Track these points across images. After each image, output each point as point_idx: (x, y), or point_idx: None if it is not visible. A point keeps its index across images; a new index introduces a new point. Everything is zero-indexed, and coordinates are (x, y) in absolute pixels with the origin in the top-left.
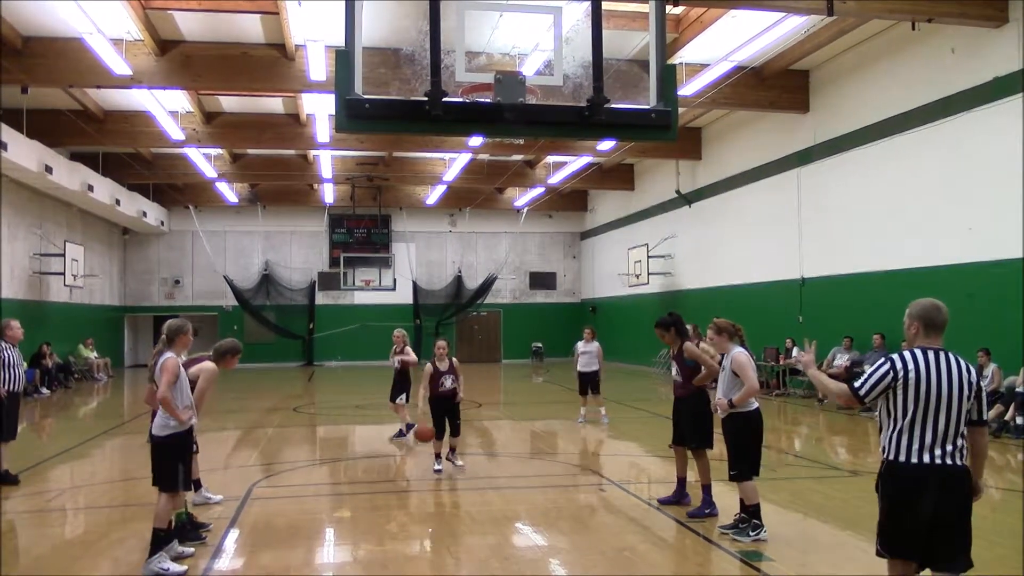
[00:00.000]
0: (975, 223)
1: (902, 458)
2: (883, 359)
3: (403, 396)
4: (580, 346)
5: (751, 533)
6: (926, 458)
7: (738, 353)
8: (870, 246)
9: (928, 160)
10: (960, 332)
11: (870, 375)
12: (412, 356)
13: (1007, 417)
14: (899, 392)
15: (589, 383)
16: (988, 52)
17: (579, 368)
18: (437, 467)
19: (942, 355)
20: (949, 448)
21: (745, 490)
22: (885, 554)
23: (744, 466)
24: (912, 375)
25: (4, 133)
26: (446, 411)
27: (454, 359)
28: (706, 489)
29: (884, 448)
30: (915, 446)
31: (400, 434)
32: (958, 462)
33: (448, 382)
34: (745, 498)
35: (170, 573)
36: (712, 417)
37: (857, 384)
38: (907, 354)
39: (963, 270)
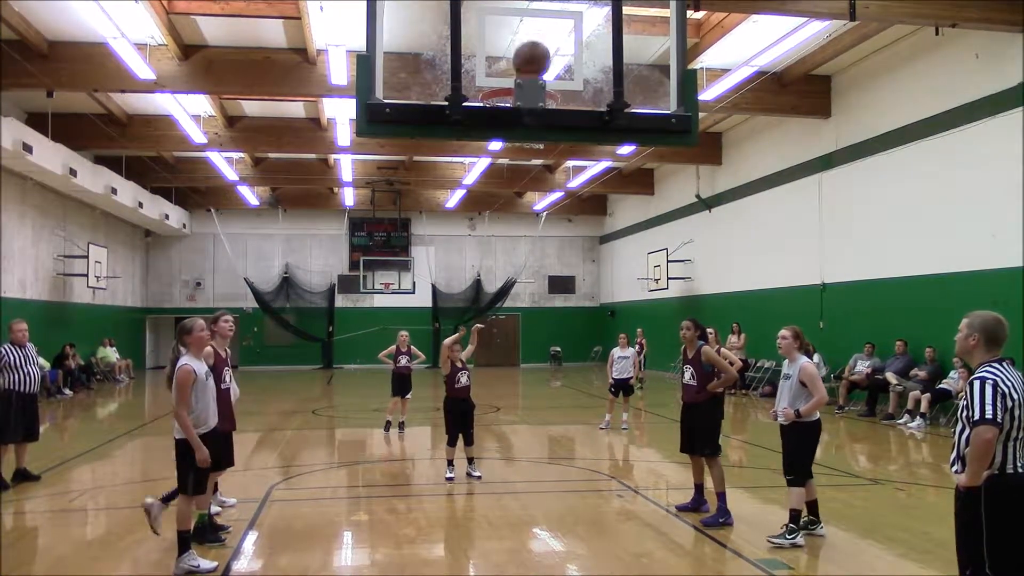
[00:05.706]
0: (999, 229)
1: (1009, 468)
2: (980, 379)
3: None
4: (616, 352)
5: (788, 537)
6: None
7: (808, 364)
8: (892, 251)
9: (952, 165)
10: None
11: (990, 399)
12: (420, 355)
13: None
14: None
15: (622, 388)
16: (1013, 57)
17: (615, 376)
18: (449, 475)
19: (1007, 364)
20: None
21: (797, 495)
22: None
23: (802, 474)
24: (1019, 389)
25: (29, 136)
26: (462, 413)
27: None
28: (721, 497)
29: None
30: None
31: (401, 427)
32: None
33: (464, 379)
34: (795, 503)
35: (201, 569)
36: (721, 424)
37: (989, 415)
38: (996, 369)
39: (987, 276)
